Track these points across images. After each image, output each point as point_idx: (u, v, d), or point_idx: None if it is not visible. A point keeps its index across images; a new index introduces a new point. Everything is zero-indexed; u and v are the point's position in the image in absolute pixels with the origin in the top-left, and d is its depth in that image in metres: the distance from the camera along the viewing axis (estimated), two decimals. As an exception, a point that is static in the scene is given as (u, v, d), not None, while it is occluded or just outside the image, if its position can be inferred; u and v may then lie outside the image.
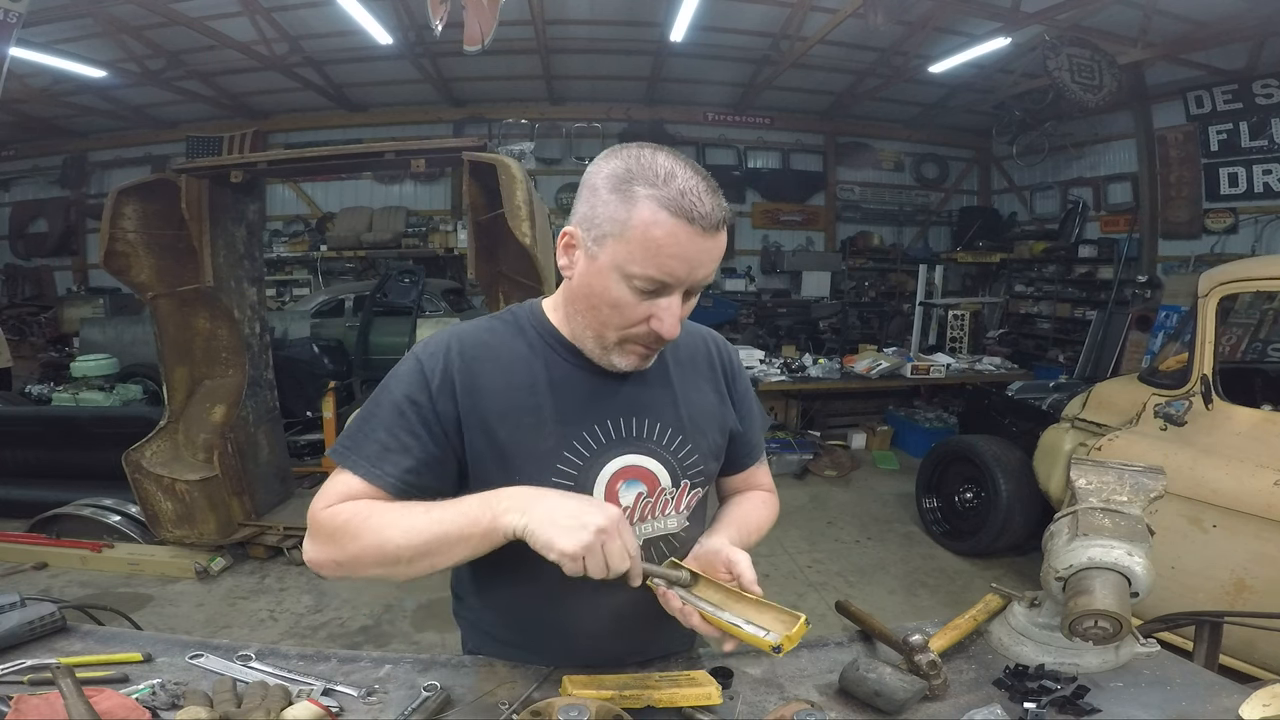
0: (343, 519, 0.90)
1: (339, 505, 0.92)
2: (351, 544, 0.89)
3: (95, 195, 9.85)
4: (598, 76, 8.77)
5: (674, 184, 0.84)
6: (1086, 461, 1.23)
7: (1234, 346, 5.07)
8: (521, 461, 0.97)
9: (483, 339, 1.02)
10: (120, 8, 6.17)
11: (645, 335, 0.92)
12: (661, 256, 0.84)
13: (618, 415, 1.01)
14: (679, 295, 0.90)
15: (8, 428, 4.56)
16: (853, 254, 10.51)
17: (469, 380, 0.97)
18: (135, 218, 3.43)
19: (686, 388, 1.09)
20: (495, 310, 3.78)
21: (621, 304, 0.90)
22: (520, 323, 1.05)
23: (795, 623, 0.86)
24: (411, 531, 0.86)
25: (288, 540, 3.87)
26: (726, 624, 0.89)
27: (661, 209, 0.83)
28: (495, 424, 0.97)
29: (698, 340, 1.15)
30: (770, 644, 0.85)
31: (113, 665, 1.07)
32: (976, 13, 6.40)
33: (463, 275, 8.32)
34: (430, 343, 1.01)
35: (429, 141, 4.22)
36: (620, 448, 1.01)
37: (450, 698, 1.00)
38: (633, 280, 0.87)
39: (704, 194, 0.84)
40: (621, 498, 1.00)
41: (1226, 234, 7.34)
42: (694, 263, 0.86)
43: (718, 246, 0.88)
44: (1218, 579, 2.48)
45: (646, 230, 0.84)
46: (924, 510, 4.44)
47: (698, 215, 0.83)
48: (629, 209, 0.85)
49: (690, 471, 1.06)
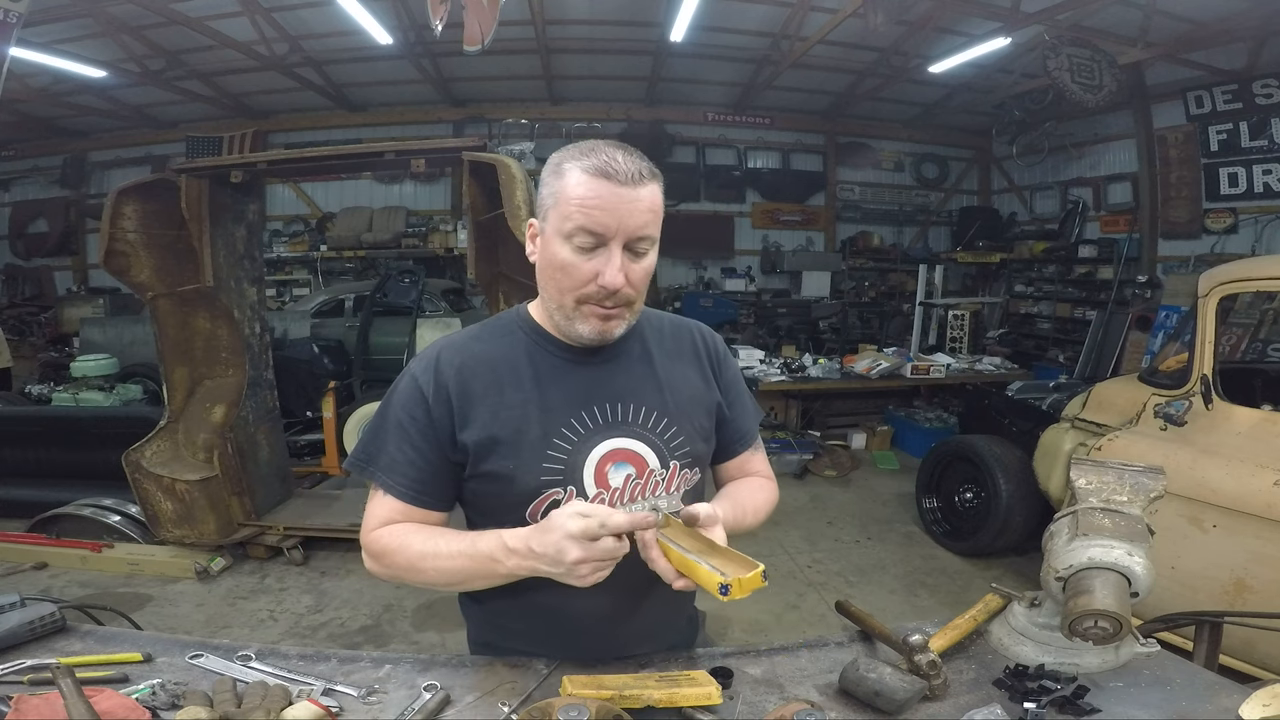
0: (383, 544, 1.05)
1: (379, 530, 1.06)
2: (395, 567, 1.05)
3: (95, 195, 9.84)
4: (598, 76, 8.77)
5: (594, 154, 0.97)
6: (1086, 461, 1.23)
7: (1234, 346, 5.07)
8: (516, 451, 1.04)
9: (469, 346, 1.10)
10: (120, 8, 6.17)
11: (597, 293, 0.99)
12: (586, 209, 0.95)
13: (603, 401, 1.08)
14: (617, 249, 0.97)
15: (8, 428, 4.56)
16: (853, 254, 10.51)
17: (460, 385, 1.06)
18: (135, 218, 3.43)
19: (670, 374, 1.15)
20: (495, 310, 3.81)
21: (568, 265, 0.99)
22: (507, 324, 1.14)
23: (752, 568, 0.86)
24: (442, 571, 1.01)
25: (288, 540, 3.88)
26: (684, 558, 0.90)
27: (583, 173, 0.96)
28: (489, 421, 1.04)
29: (683, 330, 1.23)
30: (719, 581, 0.84)
31: (113, 665, 1.07)
32: (976, 13, 6.40)
33: (463, 275, 8.32)
34: (422, 358, 1.10)
35: (429, 141, 4.23)
36: (606, 432, 1.07)
37: (450, 698, 1.00)
38: (572, 239, 0.97)
39: (620, 157, 0.97)
40: (611, 479, 1.06)
41: (1226, 234, 7.34)
42: (618, 212, 0.95)
43: (641, 198, 0.97)
44: (1218, 579, 2.48)
45: (572, 191, 0.96)
46: (924, 510, 4.44)
47: (613, 171, 0.95)
48: (560, 181, 0.99)
49: (678, 453, 1.11)
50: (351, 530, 3.98)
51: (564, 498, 1.04)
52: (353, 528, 3.98)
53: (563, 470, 1.04)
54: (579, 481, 1.05)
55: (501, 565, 0.95)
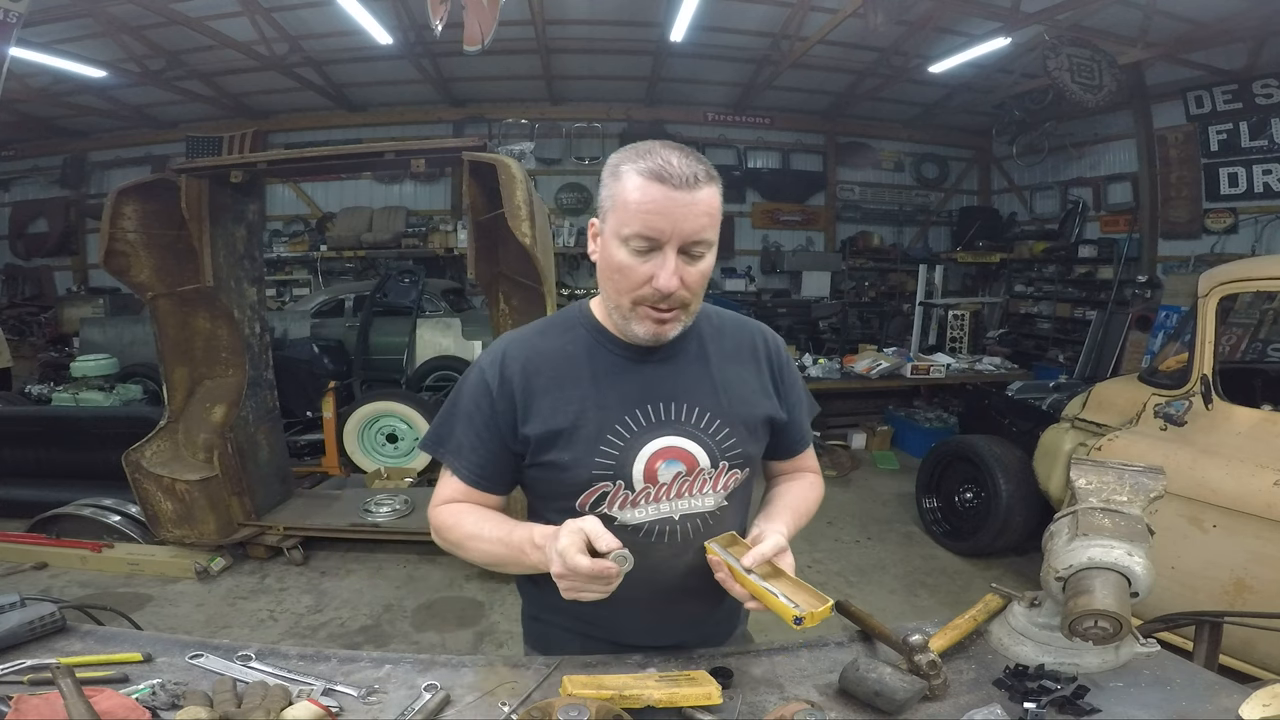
0: (442, 519, 1.15)
1: (442, 507, 1.16)
2: (448, 542, 1.15)
3: (95, 195, 9.84)
4: (598, 76, 8.76)
5: (650, 157, 0.98)
6: (1086, 461, 1.23)
7: (1234, 346, 5.07)
8: (572, 445, 1.09)
9: (533, 342, 1.15)
10: (120, 8, 6.17)
11: (651, 295, 1.01)
12: (642, 213, 0.97)
13: (657, 400, 1.11)
14: (672, 252, 0.99)
15: (8, 428, 4.56)
16: (853, 254, 10.50)
17: (525, 381, 1.11)
18: (135, 218, 3.43)
19: (727, 376, 1.17)
20: (494, 310, 3.81)
21: (625, 267, 1.01)
22: (570, 321, 1.18)
23: (824, 603, 0.94)
24: (483, 554, 1.11)
25: (288, 540, 3.88)
26: (759, 588, 0.98)
27: (638, 175, 0.98)
28: (549, 415, 1.09)
29: (746, 332, 1.24)
30: (793, 613, 0.92)
31: (113, 665, 1.07)
32: (976, 13, 6.39)
33: (463, 275, 8.33)
34: (490, 353, 1.16)
35: (429, 141, 4.23)
36: (659, 430, 1.10)
37: (450, 698, 1.00)
38: (629, 242, 0.99)
39: (676, 160, 0.98)
40: (660, 475, 1.10)
41: (1226, 234, 7.34)
42: (673, 216, 0.97)
43: (697, 202, 0.98)
44: (1218, 579, 2.48)
45: (629, 195, 0.98)
46: (924, 510, 4.44)
47: (668, 175, 0.96)
48: (617, 184, 1.01)
49: (729, 454, 1.13)
50: (352, 530, 3.98)
51: (612, 490, 1.09)
52: (353, 528, 3.99)
53: (614, 465, 1.08)
54: (628, 476, 1.08)
55: (527, 557, 1.02)
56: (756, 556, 1.01)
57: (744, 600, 1.02)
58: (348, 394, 5.52)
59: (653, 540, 1.11)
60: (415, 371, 6.13)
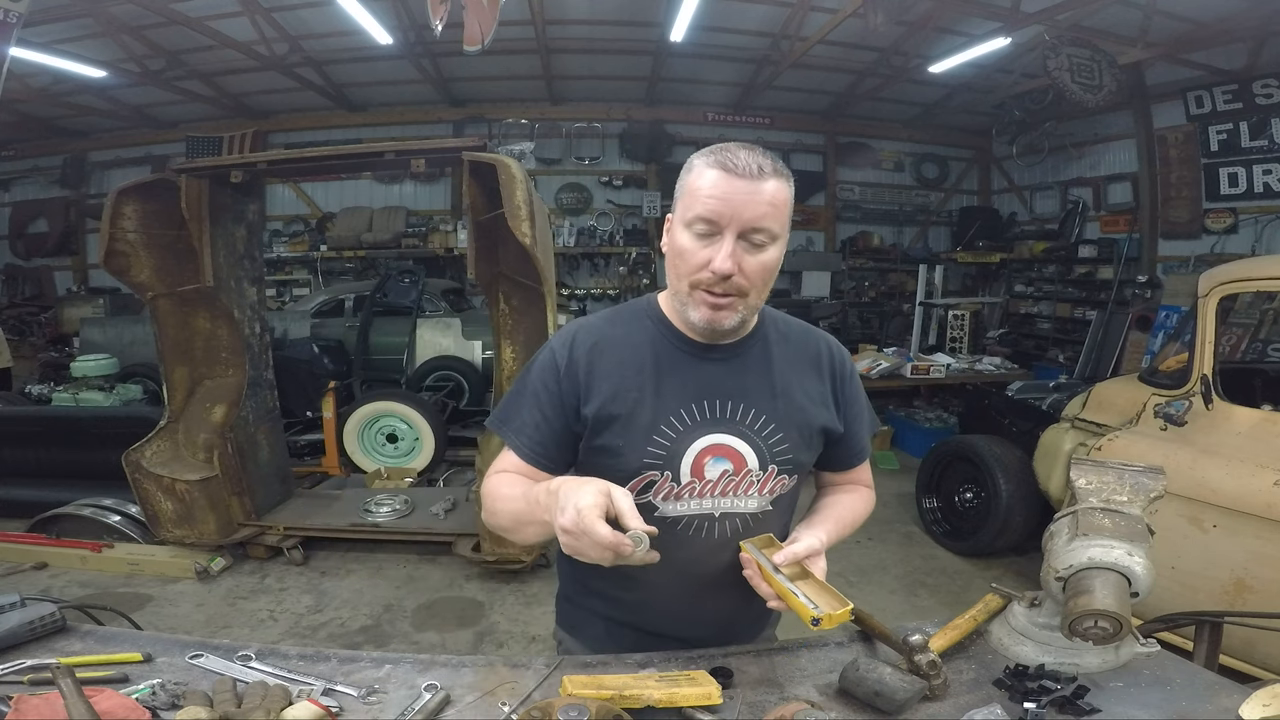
0: (488, 487, 1.16)
1: (492, 476, 1.17)
2: (487, 510, 1.16)
3: (95, 195, 9.83)
4: (598, 76, 8.76)
5: (720, 152, 1.03)
6: (1086, 461, 1.23)
7: (1234, 346, 5.07)
8: (626, 431, 1.11)
9: (603, 328, 1.18)
10: (120, 8, 6.17)
11: (708, 279, 1.03)
12: (703, 197, 1.01)
13: (714, 397, 1.13)
14: (730, 237, 1.01)
15: (8, 428, 4.56)
16: (853, 254, 10.50)
17: (590, 363, 1.13)
18: (135, 218, 3.43)
19: (787, 381, 1.18)
20: (494, 310, 3.81)
21: (685, 250, 1.05)
22: (638, 312, 1.21)
23: (843, 606, 0.96)
24: (507, 514, 1.10)
25: (288, 540, 3.88)
26: (783, 587, 1.00)
27: (706, 166, 1.03)
28: (609, 399, 1.11)
29: (812, 341, 1.26)
30: (812, 614, 0.95)
31: (113, 665, 1.07)
32: (976, 13, 6.39)
33: (463, 275, 8.32)
34: (562, 334, 1.19)
35: (429, 141, 4.23)
36: (711, 426, 1.12)
37: (450, 698, 1.00)
38: (692, 225, 1.03)
39: (741, 152, 1.02)
40: (707, 472, 1.11)
41: (1226, 234, 7.33)
42: (734, 202, 1.00)
43: (760, 191, 1.00)
44: (1218, 579, 2.48)
45: (695, 182, 1.04)
46: (924, 510, 4.44)
47: (731, 165, 1.00)
48: (688, 176, 1.06)
49: (779, 458, 1.14)
50: (352, 530, 3.98)
51: (659, 480, 1.10)
52: (353, 528, 3.99)
53: (664, 456, 1.10)
54: (676, 469, 1.10)
55: (539, 504, 1.00)
56: (788, 556, 1.03)
57: (768, 598, 1.03)
58: (348, 394, 5.52)
59: (690, 535, 1.12)
60: (415, 371, 6.13)
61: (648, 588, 1.17)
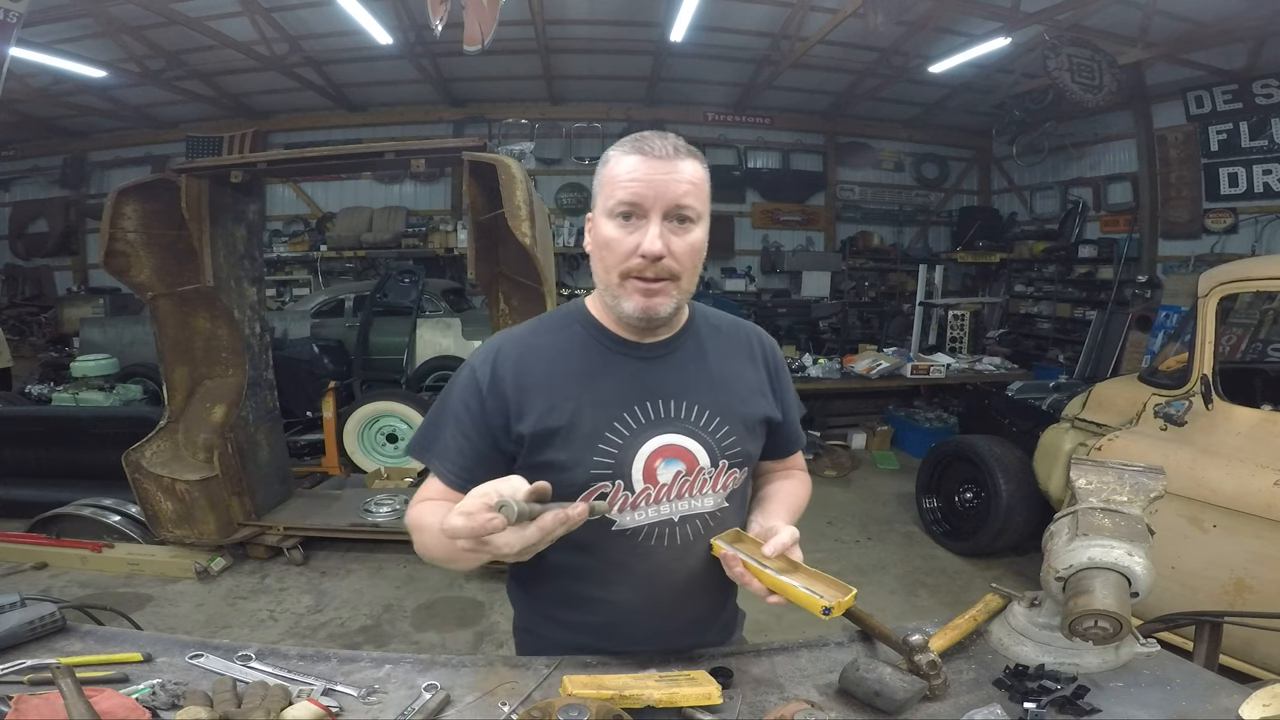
0: (410, 517, 1.10)
1: (417, 505, 1.10)
2: (417, 545, 1.08)
3: (95, 195, 9.84)
4: (598, 76, 8.76)
5: (632, 140, 1.03)
6: (1086, 461, 1.23)
7: (1234, 346, 5.07)
8: (569, 444, 1.06)
9: (528, 339, 1.13)
10: (120, 8, 6.17)
11: (638, 265, 1.01)
12: (624, 182, 1.00)
13: (656, 397, 1.09)
14: (657, 218, 1.00)
15: (8, 428, 4.56)
16: (853, 254, 10.50)
17: (518, 378, 1.08)
18: (135, 218, 3.43)
19: (726, 374, 1.16)
20: (494, 310, 3.80)
21: (612, 240, 1.02)
22: (565, 317, 1.16)
23: (847, 592, 0.96)
24: (436, 546, 1.00)
25: (288, 540, 3.88)
26: (781, 582, 0.97)
27: (622, 154, 1.03)
28: (545, 413, 1.06)
29: (742, 332, 1.24)
30: (822, 604, 0.93)
31: (113, 665, 1.07)
32: (976, 13, 6.39)
33: (463, 275, 8.32)
34: (482, 350, 1.14)
35: (429, 141, 4.23)
36: (658, 428, 1.08)
37: (450, 698, 1.00)
38: (613, 213, 1.01)
39: (655, 138, 1.02)
40: (660, 475, 1.07)
41: (1226, 234, 7.34)
42: (654, 184, 0.99)
43: (678, 170, 1.00)
44: (1218, 579, 2.48)
45: (612, 171, 1.03)
46: (924, 510, 4.44)
47: (647, 148, 1.01)
48: (605, 168, 1.05)
49: (729, 453, 1.12)
50: (352, 530, 3.98)
51: (611, 491, 1.06)
52: (353, 528, 3.98)
53: (613, 464, 1.05)
54: (627, 476, 1.06)
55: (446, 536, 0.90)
56: (776, 547, 1.01)
57: (761, 595, 1.00)
58: (348, 394, 5.52)
59: (652, 544, 1.09)
60: (415, 371, 6.13)
61: (613, 607, 1.12)
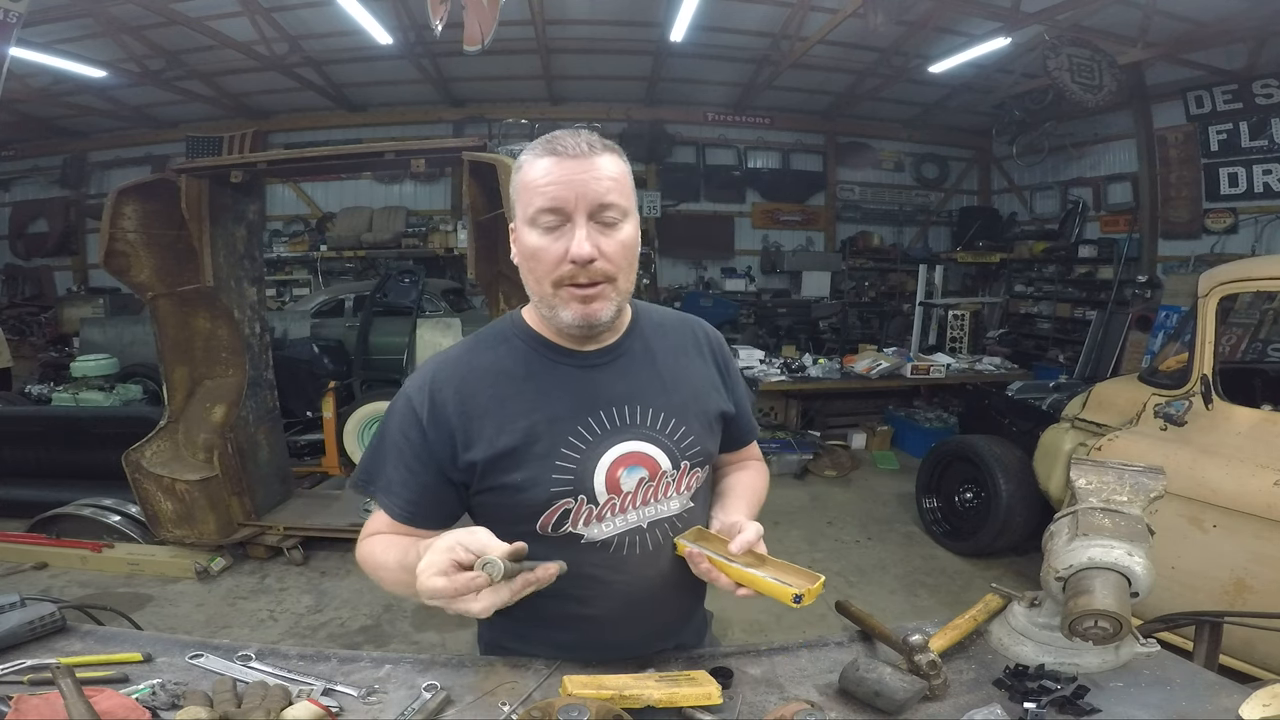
0: (361, 555, 1.08)
1: (366, 539, 1.08)
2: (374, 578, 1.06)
3: (95, 195, 9.84)
4: (598, 76, 8.76)
5: (543, 142, 0.99)
6: (1086, 461, 1.23)
7: (1234, 346, 5.07)
8: (524, 464, 1.02)
9: (465, 360, 1.08)
10: (120, 8, 6.17)
11: (570, 271, 0.97)
12: (541, 187, 0.96)
13: (609, 405, 1.06)
14: (581, 220, 0.96)
15: (8, 428, 4.56)
16: (853, 254, 10.51)
17: (461, 404, 1.03)
18: (135, 218, 3.43)
19: (675, 373, 1.13)
20: (495, 310, 3.80)
21: (538, 249, 0.98)
22: (502, 332, 1.11)
23: (815, 580, 0.97)
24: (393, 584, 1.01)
25: (288, 540, 3.88)
26: (749, 575, 0.98)
27: (534, 157, 0.98)
28: (494, 436, 1.02)
29: (684, 327, 1.21)
30: (792, 592, 0.93)
31: (113, 665, 1.07)
32: (976, 13, 6.40)
33: (463, 275, 8.31)
34: (417, 377, 1.07)
35: (429, 141, 4.23)
36: (616, 436, 1.05)
37: (450, 698, 1.00)
38: (537, 220, 0.97)
39: (567, 136, 0.97)
40: (623, 484, 1.05)
41: (1226, 234, 7.34)
42: (572, 184, 0.94)
43: (596, 167, 0.96)
44: (1218, 579, 2.48)
45: (527, 177, 0.98)
46: (924, 510, 4.44)
47: (560, 148, 0.96)
48: (519, 174, 1.00)
49: (689, 452, 1.10)
50: (352, 530, 3.98)
51: (575, 507, 1.02)
52: (353, 528, 3.98)
53: (573, 479, 1.02)
54: (589, 489, 1.03)
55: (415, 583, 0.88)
56: (741, 545, 1.00)
57: (729, 589, 0.99)
58: (348, 394, 5.51)
59: (624, 553, 1.07)
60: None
61: (589, 621, 1.09)
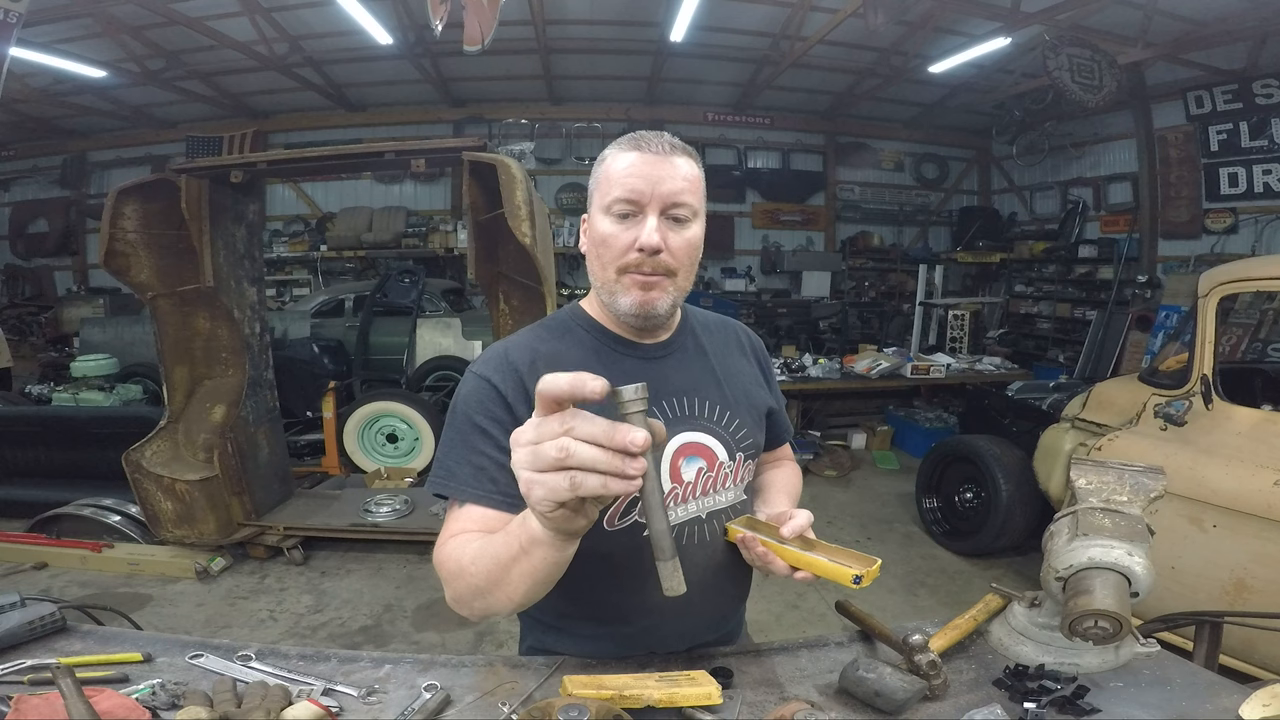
0: (441, 557, 0.95)
1: (448, 544, 0.95)
2: (456, 582, 0.91)
3: (95, 195, 9.85)
4: (598, 76, 8.77)
5: (628, 139, 1.04)
6: (1086, 461, 1.23)
7: (1234, 346, 5.08)
8: None
9: (535, 345, 1.09)
10: (120, 8, 6.17)
11: (636, 260, 1.01)
12: (621, 178, 1.00)
13: (670, 396, 1.09)
14: (654, 213, 1.00)
15: (8, 428, 4.56)
16: (853, 254, 10.51)
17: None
18: (135, 218, 3.43)
19: (726, 368, 1.19)
20: (495, 310, 3.79)
21: (609, 236, 1.02)
22: (565, 323, 1.14)
23: (872, 563, 0.98)
24: (480, 559, 0.87)
25: (288, 540, 3.88)
26: (807, 557, 0.99)
27: (620, 151, 1.03)
28: None
29: (728, 328, 1.28)
30: (851, 573, 0.95)
31: (113, 665, 1.07)
32: (976, 13, 6.40)
33: (463, 275, 8.33)
34: (486, 359, 1.07)
35: (429, 141, 4.22)
36: (677, 427, 1.08)
37: (450, 698, 1.00)
38: (612, 209, 1.01)
39: (651, 136, 1.03)
40: (684, 474, 1.07)
41: (1226, 234, 7.34)
42: (651, 179, 0.99)
43: (674, 166, 1.01)
44: (1218, 579, 2.48)
45: (609, 169, 1.03)
46: (924, 510, 4.44)
47: (644, 145, 1.01)
48: (601, 166, 1.05)
49: (743, 445, 1.14)
50: (352, 530, 3.98)
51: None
52: (353, 528, 3.99)
53: None
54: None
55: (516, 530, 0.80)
56: (794, 529, 1.02)
57: (784, 574, 1.01)
58: (348, 394, 5.52)
59: (684, 543, 1.08)
60: (415, 371, 6.13)
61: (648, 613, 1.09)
